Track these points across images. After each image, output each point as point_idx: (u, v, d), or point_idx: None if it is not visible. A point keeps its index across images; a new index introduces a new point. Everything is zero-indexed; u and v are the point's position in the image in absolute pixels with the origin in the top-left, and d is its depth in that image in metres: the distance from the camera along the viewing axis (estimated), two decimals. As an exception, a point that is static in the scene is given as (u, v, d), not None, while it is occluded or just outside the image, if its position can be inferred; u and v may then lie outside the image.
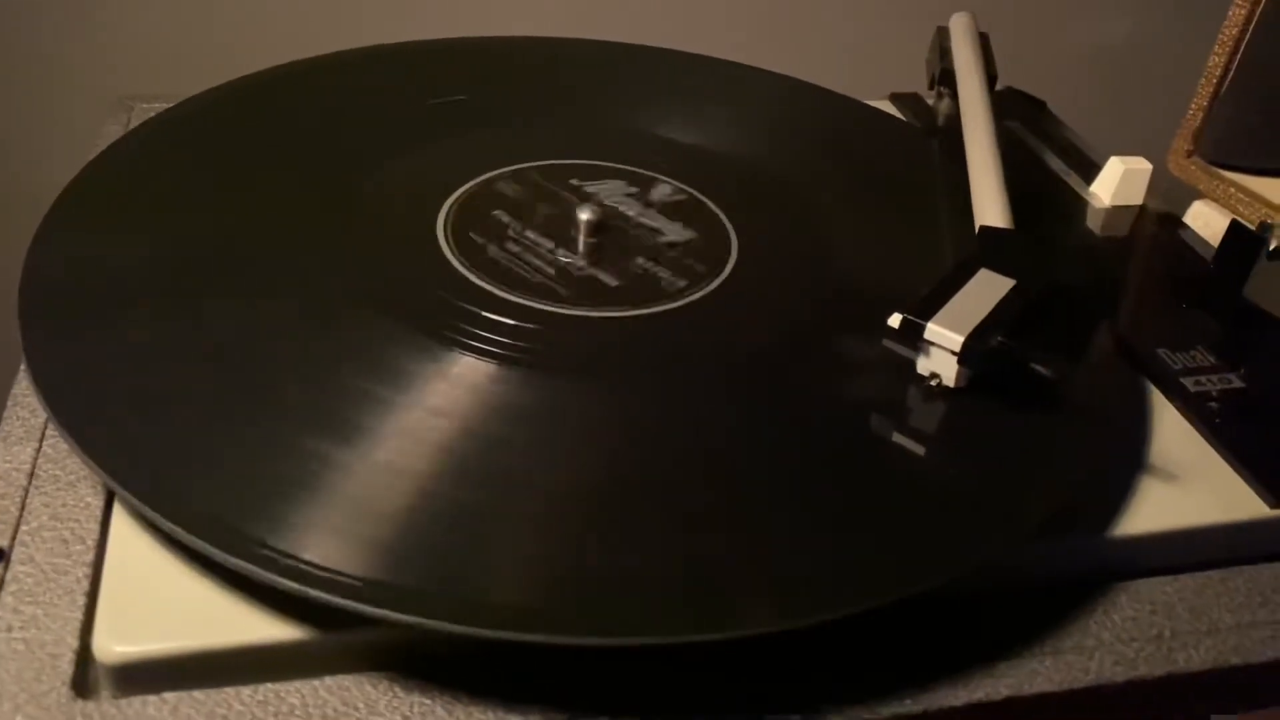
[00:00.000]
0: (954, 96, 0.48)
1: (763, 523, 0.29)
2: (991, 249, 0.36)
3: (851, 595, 0.27)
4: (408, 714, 0.26)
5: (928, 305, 0.32)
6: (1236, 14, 0.48)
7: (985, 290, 0.33)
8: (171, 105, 0.44)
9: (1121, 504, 0.32)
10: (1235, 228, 0.40)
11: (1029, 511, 0.30)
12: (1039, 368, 0.31)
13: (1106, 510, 0.32)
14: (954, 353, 0.32)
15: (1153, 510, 0.32)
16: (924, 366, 0.33)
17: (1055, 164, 0.49)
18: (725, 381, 0.33)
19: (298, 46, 0.49)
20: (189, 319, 0.33)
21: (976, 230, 0.38)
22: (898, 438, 0.32)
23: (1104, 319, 0.37)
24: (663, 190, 0.42)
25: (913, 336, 0.32)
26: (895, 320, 0.32)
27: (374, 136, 0.43)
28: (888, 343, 0.33)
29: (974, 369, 0.32)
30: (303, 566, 0.26)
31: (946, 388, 0.32)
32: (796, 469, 0.31)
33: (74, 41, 0.69)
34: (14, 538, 0.29)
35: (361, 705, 0.26)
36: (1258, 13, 0.48)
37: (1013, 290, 0.33)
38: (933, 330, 0.32)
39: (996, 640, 0.30)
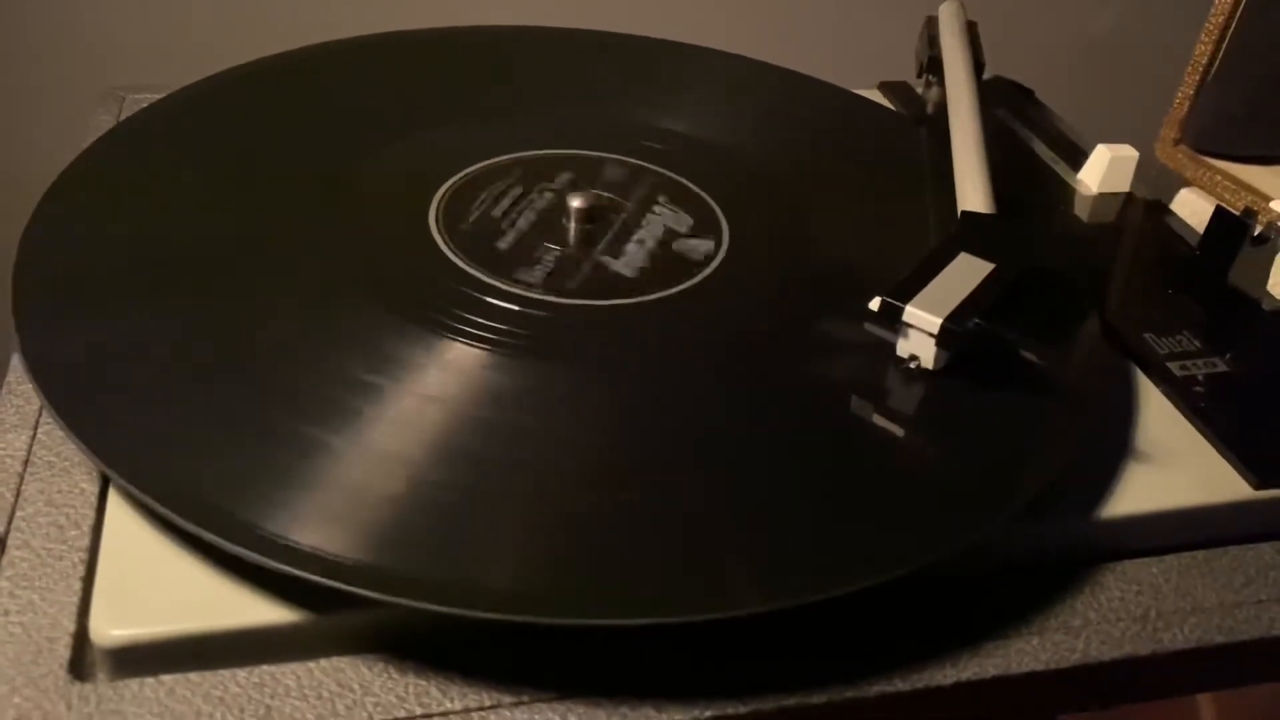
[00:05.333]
0: (942, 85, 0.48)
1: (749, 506, 0.29)
2: (972, 233, 0.36)
3: (838, 577, 0.27)
4: (402, 695, 0.27)
5: (907, 288, 0.33)
6: (1223, 2, 0.49)
7: (964, 274, 0.34)
8: (162, 96, 0.44)
9: (1108, 486, 0.33)
10: (1220, 214, 0.40)
11: (1016, 493, 0.30)
12: (1020, 349, 0.31)
13: (1093, 492, 0.32)
14: (932, 335, 0.32)
15: (1138, 492, 0.33)
16: (903, 349, 0.33)
17: (1043, 151, 0.50)
18: (715, 367, 0.34)
19: (288, 37, 0.49)
20: (181, 306, 0.33)
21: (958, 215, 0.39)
22: (882, 420, 0.32)
23: (1088, 303, 0.38)
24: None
25: (892, 319, 0.33)
26: (875, 303, 0.33)
27: (366, 126, 0.43)
28: (869, 325, 0.33)
29: (951, 351, 0.33)
30: (297, 549, 0.26)
31: (925, 369, 0.33)
32: (784, 453, 0.31)
33: (65, 32, 0.69)
34: (9, 523, 0.29)
35: (357, 686, 0.27)
36: (1244, 1, 0.48)
37: (992, 274, 0.34)
38: (911, 313, 0.32)
39: (984, 620, 0.30)
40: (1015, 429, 0.33)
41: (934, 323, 0.32)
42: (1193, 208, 0.49)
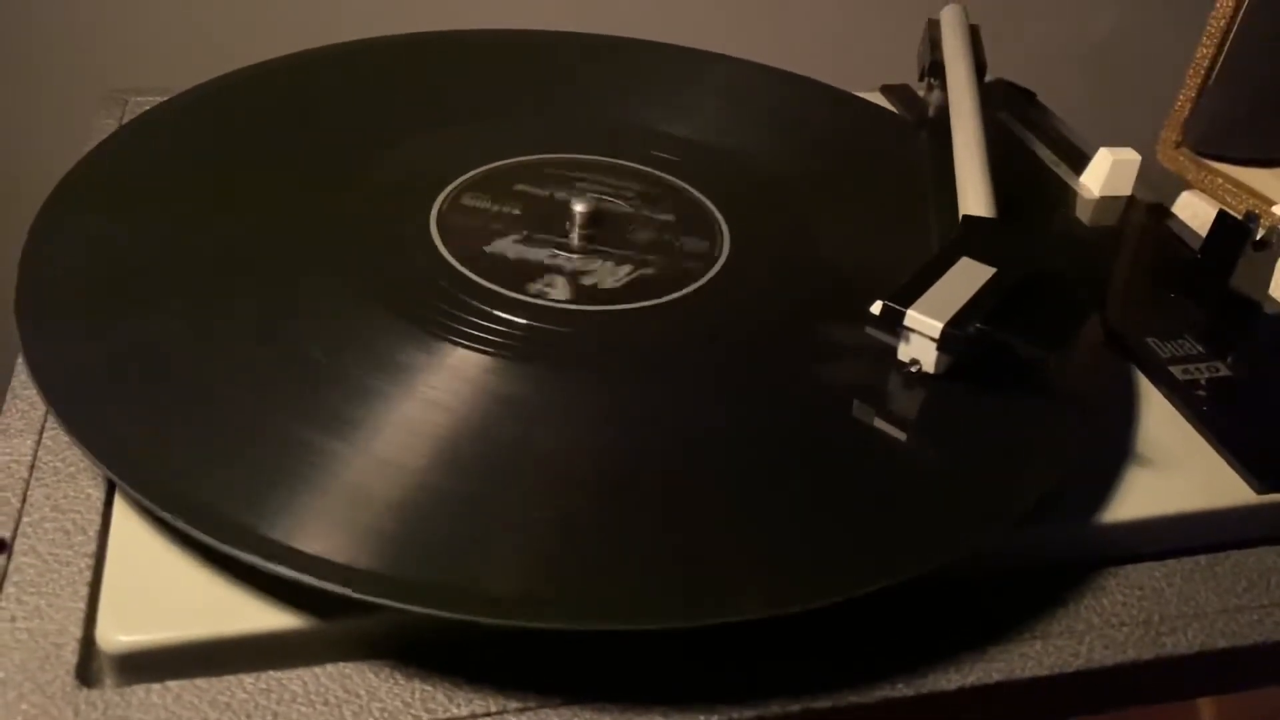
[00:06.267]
0: (944, 88, 0.48)
1: (753, 511, 0.29)
2: (973, 238, 0.36)
3: (841, 582, 0.27)
4: (408, 700, 0.27)
5: (908, 292, 0.33)
6: (1224, 5, 0.49)
7: (966, 278, 0.34)
8: (165, 99, 0.44)
9: (1111, 490, 0.33)
10: (1222, 218, 0.40)
11: (1018, 497, 0.30)
12: (1022, 352, 0.31)
13: (1095, 496, 0.32)
14: (933, 339, 0.32)
15: (1141, 496, 0.33)
16: (904, 353, 0.33)
17: (1045, 154, 0.50)
18: (717, 372, 0.34)
19: (291, 40, 0.49)
20: (185, 310, 0.33)
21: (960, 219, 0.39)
22: (884, 425, 0.32)
23: (1090, 307, 0.38)
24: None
25: (893, 323, 0.33)
26: (877, 307, 0.33)
27: (368, 129, 0.44)
28: (870, 330, 0.33)
29: (953, 355, 0.33)
30: (303, 555, 0.26)
31: (926, 374, 0.33)
32: (786, 458, 0.31)
33: (67, 36, 0.69)
34: (16, 529, 0.29)
35: (363, 692, 0.27)
36: (1245, 4, 0.48)
37: (993, 278, 0.34)
38: (912, 317, 0.32)
39: (987, 625, 0.30)
40: (1018, 433, 0.33)
41: (935, 327, 0.32)
42: (1194, 210, 0.49)
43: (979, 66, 0.49)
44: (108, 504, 0.30)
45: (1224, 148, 0.50)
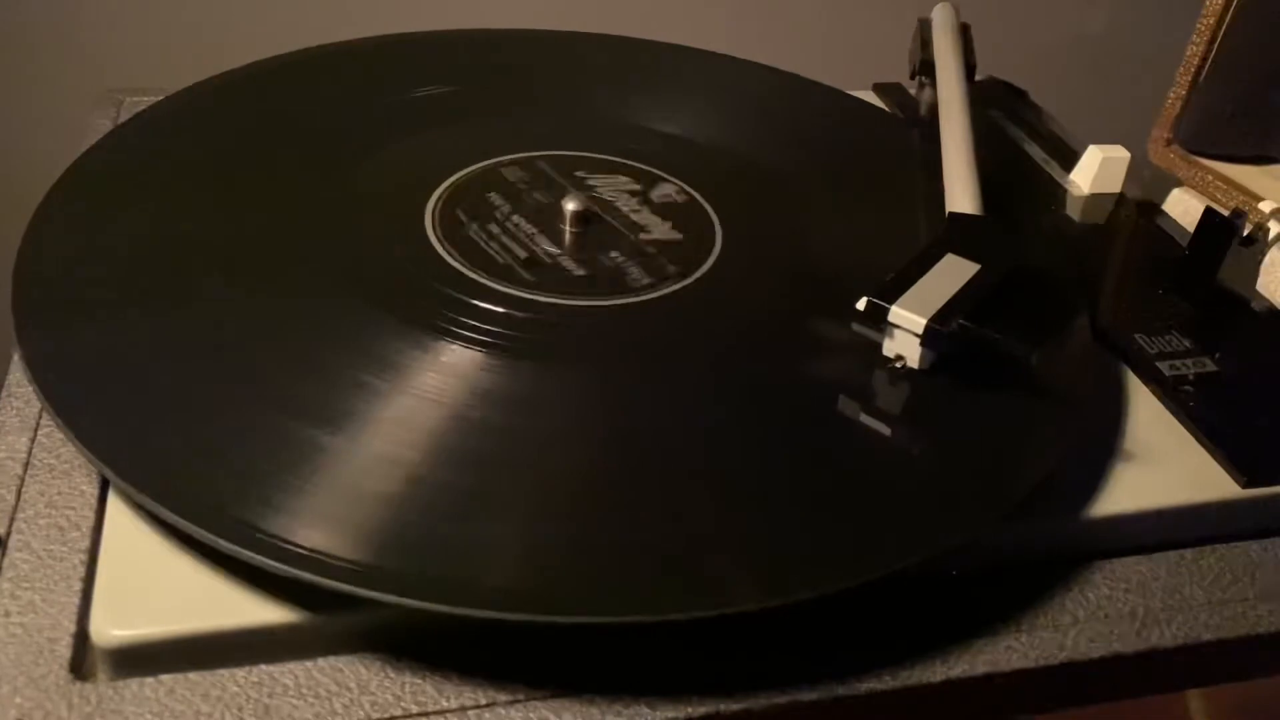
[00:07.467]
0: (935, 86, 0.48)
1: (744, 505, 0.30)
2: (959, 234, 0.37)
3: (829, 575, 0.28)
4: (399, 693, 0.27)
5: (893, 289, 0.33)
6: (1214, 3, 0.49)
7: (950, 274, 0.34)
8: (160, 99, 0.44)
9: (1098, 484, 0.33)
10: (1209, 214, 0.41)
11: (1005, 492, 0.31)
12: (1005, 348, 0.32)
13: (1082, 491, 0.33)
14: (916, 335, 0.32)
15: (1128, 491, 0.33)
16: (889, 348, 0.34)
17: (1035, 152, 0.50)
18: (710, 368, 0.34)
19: (286, 40, 0.49)
20: (179, 308, 0.34)
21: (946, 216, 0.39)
22: (869, 420, 0.33)
23: (1077, 303, 0.38)
24: (646, 180, 0.43)
25: (878, 319, 0.33)
26: (862, 303, 0.33)
27: (363, 128, 0.44)
28: (856, 326, 0.34)
29: (936, 351, 0.33)
30: (295, 550, 0.26)
31: (911, 369, 0.33)
32: (774, 453, 0.31)
33: (62, 35, 0.69)
34: (10, 525, 0.29)
35: (354, 685, 0.27)
36: (1235, 2, 0.49)
37: (977, 275, 0.34)
38: (896, 313, 0.33)
39: (974, 618, 0.30)
40: (1005, 428, 0.33)
41: (918, 323, 0.32)
42: (1185, 207, 0.49)
43: (969, 65, 0.49)
44: (102, 500, 0.30)
45: (1215, 145, 0.51)
